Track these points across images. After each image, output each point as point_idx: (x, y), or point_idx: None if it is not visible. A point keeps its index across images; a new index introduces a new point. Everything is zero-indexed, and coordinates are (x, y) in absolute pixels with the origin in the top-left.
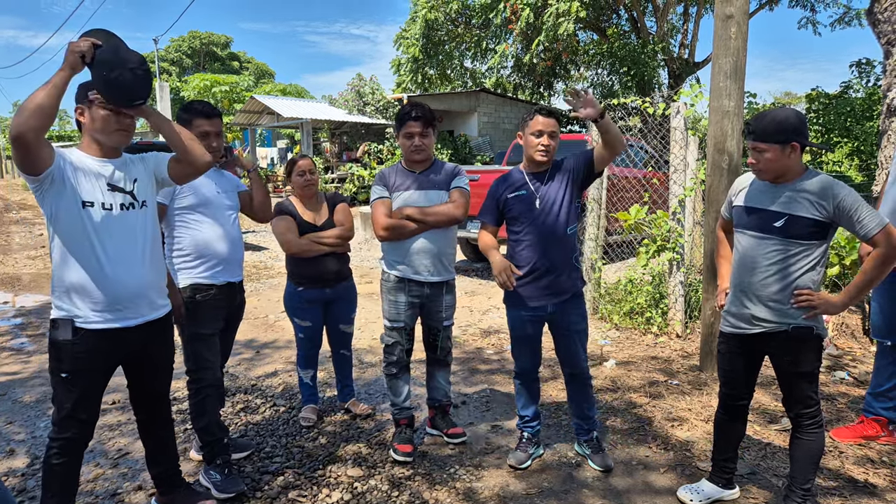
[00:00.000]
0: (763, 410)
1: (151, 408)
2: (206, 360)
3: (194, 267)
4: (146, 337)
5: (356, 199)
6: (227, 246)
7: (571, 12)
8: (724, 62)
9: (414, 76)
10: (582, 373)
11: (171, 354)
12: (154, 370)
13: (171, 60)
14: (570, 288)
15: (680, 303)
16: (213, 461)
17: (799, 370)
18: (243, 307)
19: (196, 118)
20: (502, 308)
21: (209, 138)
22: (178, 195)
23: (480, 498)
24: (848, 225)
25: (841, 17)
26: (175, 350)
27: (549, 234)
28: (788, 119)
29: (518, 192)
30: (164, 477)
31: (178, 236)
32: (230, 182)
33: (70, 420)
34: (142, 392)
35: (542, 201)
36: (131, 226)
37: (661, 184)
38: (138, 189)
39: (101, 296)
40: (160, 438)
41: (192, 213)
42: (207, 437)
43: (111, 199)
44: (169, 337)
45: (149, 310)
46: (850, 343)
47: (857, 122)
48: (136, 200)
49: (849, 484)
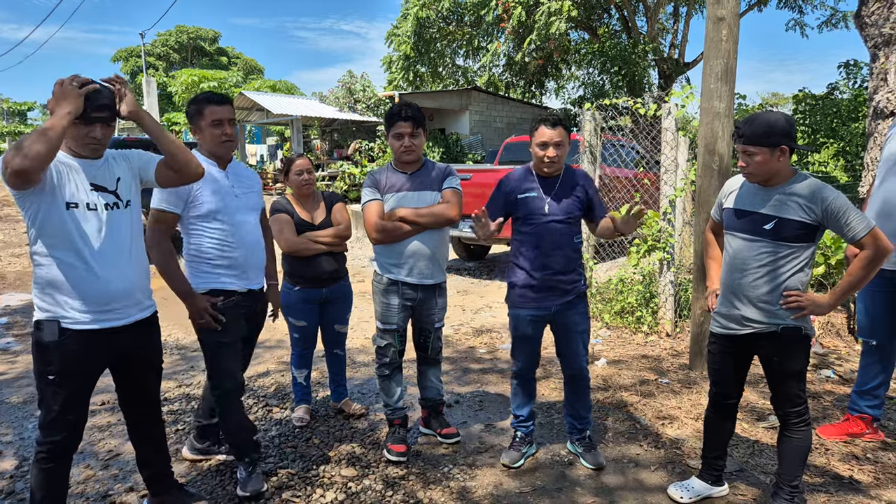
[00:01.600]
0: (751, 408)
1: (141, 409)
2: (226, 367)
3: (213, 273)
4: (134, 337)
5: (347, 197)
6: (245, 252)
7: (563, 11)
8: (715, 64)
9: (405, 74)
10: (582, 373)
11: (159, 354)
12: (143, 371)
13: (158, 55)
14: (574, 289)
15: (670, 302)
16: (242, 459)
17: (787, 369)
18: (265, 315)
19: (207, 106)
20: (494, 307)
21: (223, 125)
22: (191, 204)
23: (474, 497)
24: (836, 228)
25: (828, 20)
26: (163, 350)
27: (556, 238)
28: (778, 122)
29: (528, 193)
30: (155, 478)
31: (194, 243)
32: (249, 179)
33: (58, 423)
34: (131, 393)
35: (551, 207)
36: (116, 225)
37: (651, 184)
38: (122, 188)
39: (88, 296)
40: (151, 440)
41: (208, 220)
42: (232, 438)
43: (95, 199)
44: (156, 337)
45: (136, 310)
46: (836, 342)
47: (843, 124)
48: (120, 200)
49: (834, 480)
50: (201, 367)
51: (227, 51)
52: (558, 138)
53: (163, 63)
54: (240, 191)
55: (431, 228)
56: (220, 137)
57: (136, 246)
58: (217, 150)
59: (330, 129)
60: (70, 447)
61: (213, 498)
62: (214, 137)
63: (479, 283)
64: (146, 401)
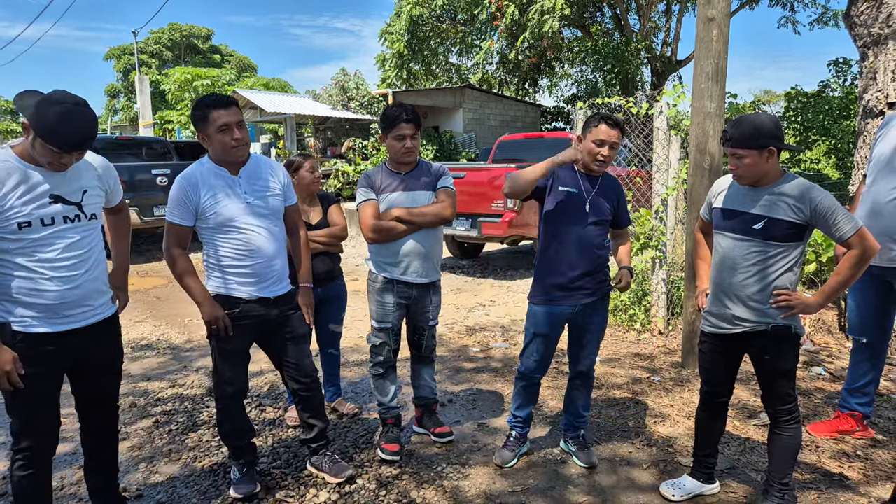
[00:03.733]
0: (742, 406)
1: (96, 414)
2: (226, 374)
3: (224, 279)
4: (90, 339)
5: (341, 195)
6: (259, 259)
7: (556, 9)
8: (706, 64)
9: (399, 72)
10: (589, 372)
11: (118, 356)
12: (99, 373)
13: (151, 53)
14: (600, 289)
15: (662, 300)
16: (237, 460)
17: (778, 367)
18: (286, 322)
19: (211, 111)
20: (488, 306)
21: (231, 130)
22: (201, 217)
23: (467, 496)
24: (824, 227)
25: (819, 17)
26: (156, 350)
27: (591, 238)
28: (764, 124)
29: (570, 188)
30: (102, 489)
31: (210, 251)
32: (265, 180)
33: (27, 428)
34: (87, 397)
35: (591, 207)
36: (74, 238)
37: (643, 182)
38: (87, 201)
39: (38, 306)
40: (106, 446)
41: (219, 231)
42: (229, 441)
43: (52, 212)
44: (114, 339)
45: (90, 315)
46: (827, 339)
47: (834, 121)
48: (82, 213)
49: (825, 477)
50: (194, 367)
51: (221, 48)
52: (615, 140)
53: (155, 61)
54: (253, 196)
55: (426, 228)
56: (229, 144)
57: (94, 257)
58: (227, 157)
59: (323, 127)
60: (45, 451)
61: (206, 498)
62: (224, 145)
63: (472, 281)
64: (103, 404)
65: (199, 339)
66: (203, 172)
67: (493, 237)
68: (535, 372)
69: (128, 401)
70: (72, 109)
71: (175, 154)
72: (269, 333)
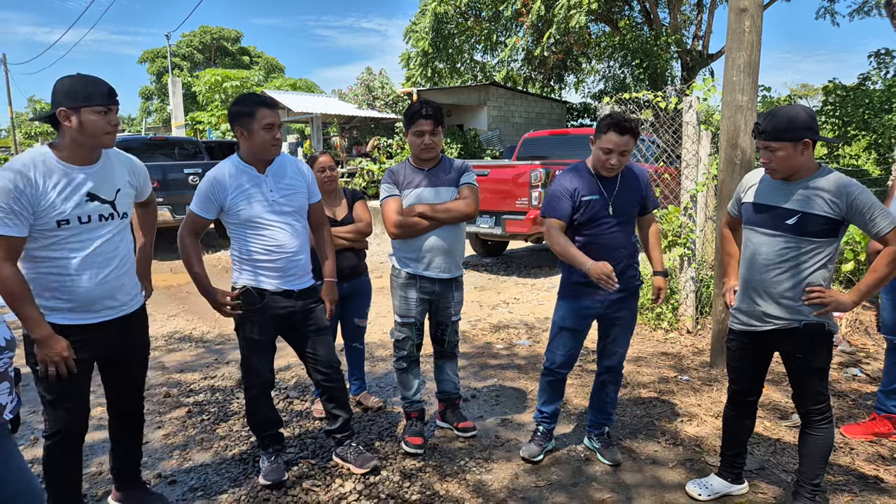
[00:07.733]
0: (774, 406)
1: (123, 401)
2: (254, 364)
3: (252, 272)
4: (118, 332)
5: (366, 193)
6: (284, 254)
7: (583, 4)
8: (738, 56)
9: (423, 70)
10: (618, 367)
11: (144, 348)
12: (125, 363)
13: (183, 56)
14: (630, 284)
15: (691, 298)
16: (265, 449)
17: (810, 366)
18: (309, 314)
19: (259, 108)
20: (512, 304)
21: (273, 130)
22: (227, 212)
23: (490, 490)
24: (860, 223)
25: (860, 7)
26: (189, 342)
27: (618, 238)
28: (799, 115)
29: (591, 196)
30: (125, 472)
31: (236, 245)
32: (293, 178)
33: (57, 413)
34: (114, 385)
35: (615, 209)
36: (107, 235)
37: (672, 179)
38: (120, 200)
39: (69, 300)
40: (132, 432)
41: (245, 227)
42: (258, 431)
43: (89, 211)
44: (141, 331)
45: (119, 309)
46: (864, 339)
47: (875, 115)
48: (115, 211)
49: (859, 480)
50: (225, 360)
51: (249, 50)
52: (625, 147)
53: (187, 63)
54: (279, 194)
55: (449, 224)
56: (269, 142)
57: (124, 253)
58: (265, 154)
59: (349, 126)
60: (76, 438)
61: (236, 485)
62: (264, 142)
63: (496, 279)
64: (129, 392)
65: (230, 332)
66: (232, 171)
67: (517, 235)
68: (561, 367)
69: (162, 391)
70: (82, 75)
71: (206, 154)
72: (293, 326)
